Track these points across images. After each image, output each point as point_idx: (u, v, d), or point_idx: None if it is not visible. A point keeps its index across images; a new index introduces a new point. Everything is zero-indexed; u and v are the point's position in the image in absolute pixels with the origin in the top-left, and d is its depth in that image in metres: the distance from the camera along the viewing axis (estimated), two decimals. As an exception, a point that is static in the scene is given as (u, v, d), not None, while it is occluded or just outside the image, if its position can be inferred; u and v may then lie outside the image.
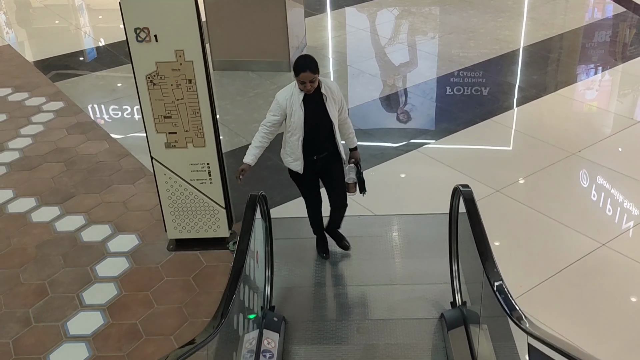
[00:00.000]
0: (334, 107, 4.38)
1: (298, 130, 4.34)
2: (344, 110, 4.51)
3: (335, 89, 4.42)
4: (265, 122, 4.46)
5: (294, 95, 4.30)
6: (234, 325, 3.75)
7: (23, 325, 4.67)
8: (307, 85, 4.19)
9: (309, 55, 4.30)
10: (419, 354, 4.29)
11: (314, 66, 4.17)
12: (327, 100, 4.34)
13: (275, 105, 4.38)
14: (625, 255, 5.05)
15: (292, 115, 4.32)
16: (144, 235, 5.63)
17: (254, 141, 4.50)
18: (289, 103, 4.31)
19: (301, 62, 4.18)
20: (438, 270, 4.90)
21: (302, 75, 4.16)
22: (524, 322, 2.86)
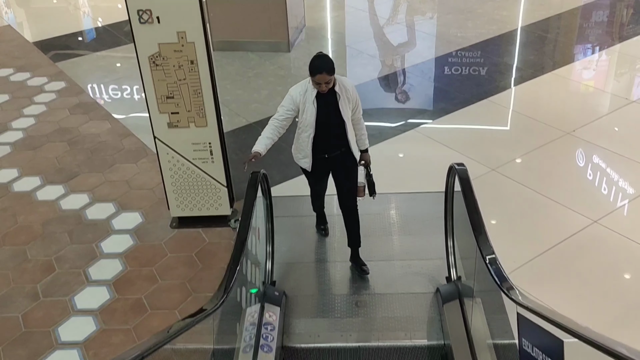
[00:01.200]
0: (347, 106, 4.27)
1: (309, 128, 4.26)
2: (358, 110, 4.40)
3: (350, 87, 4.30)
4: (277, 117, 4.32)
5: (307, 92, 4.19)
6: (237, 298, 3.89)
7: (32, 299, 4.81)
8: (322, 86, 4.09)
9: (325, 55, 4.14)
10: (415, 326, 4.44)
11: (330, 68, 4.04)
12: (341, 99, 4.22)
13: (289, 100, 4.28)
14: (616, 232, 5.19)
15: (305, 112, 4.23)
16: (148, 213, 5.76)
17: (264, 132, 4.36)
18: (302, 99, 4.21)
19: (317, 64, 4.05)
20: (434, 247, 5.05)
21: (317, 77, 4.04)
22: (514, 292, 3.00)
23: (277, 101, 7.70)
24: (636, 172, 5.99)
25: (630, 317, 4.45)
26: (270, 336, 4.16)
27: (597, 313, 4.48)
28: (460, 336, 4.12)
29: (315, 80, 4.06)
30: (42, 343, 4.42)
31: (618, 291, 4.68)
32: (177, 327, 2.99)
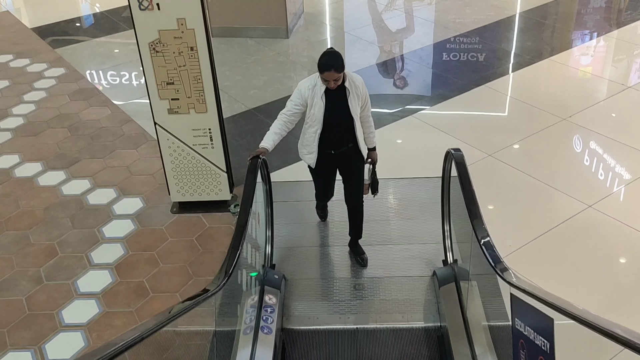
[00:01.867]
0: (356, 102, 4.18)
1: (316, 123, 4.18)
2: (367, 108, 4.32)
3: (360, 84, 4.20)
4: (286, 111, 4.27)
5: (316, 86, 4.11)
6: (238, 280, 3.97)
7: (35, 283, 4.89)
8: (331, 83, 4.00)
9: (335, 52, 4.03)
10: (412, 308, 4.53)
11: (339, 65, 3.94)
12: (350, 95, 4.13)
13: (297, 94, 4.20)
14: (610, 216, 5.27)
15: (313, 107, 4.15)
16: (148, 199, 5.83)
17: (273, 127, 4.30)
18: (311, 94, 4.13)
19: (326, 61, 3.96)
20: (431, 231, 5.14)
21: (326, 74, 3.96)
22: (507, 273, 3.08)
23: (275, 87, 7.85)
24: (631, 158, 6.06)
25: (623, 300, 4.54)
26: (270, 318, 4.24)
27: (591, 296, 4.57)
28: (456, 318, 4.20)
29: (324, 77, 3.98)
30: (46, 325, 4.51)
31: (612, 274, 4.76)
32: (178, 308, 3.06)
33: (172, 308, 3.11)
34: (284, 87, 7.88)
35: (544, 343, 2.36)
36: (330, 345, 4.36)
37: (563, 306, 2.27)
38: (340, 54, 4.02)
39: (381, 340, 4.38)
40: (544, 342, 2.36)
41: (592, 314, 2.15)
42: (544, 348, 2.37)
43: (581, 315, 2.13)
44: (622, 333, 1.93)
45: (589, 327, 2.09)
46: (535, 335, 2.45)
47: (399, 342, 4.35)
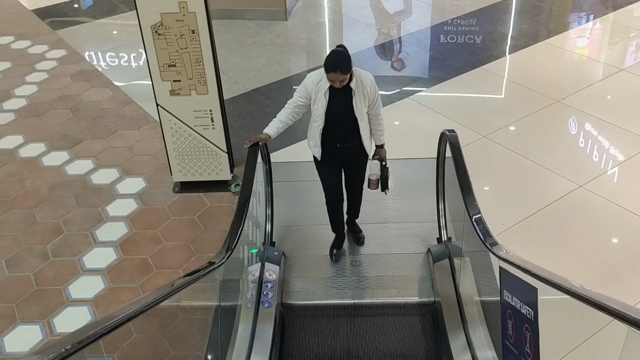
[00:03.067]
0: (362, 102, 4.08)
1: (319, 119, 4.11)
2: (376, 106, 4.22)
3: (368, 83, 4.09)
4: (291, 102, 4.22)
5: (321, 82, 4.01)
6: (240, 256, 4.13)
7: (42, 259, 5.04)
8: (336, 83, 3.90)
9: (342, 51, 3.89)
10: (407, 284, 4.70)
11: (345, 67, 3.83)
12: (355, 95, 4.03)
13: (302, 88, 4.14)
14: (600, 196, 5.43)
15: (316, 102, 4.09)
16: (150, 178, 5.96)
17: (279, 115, 4.27)
18: (315, 88, 4.04)
19: (331, 62, 3.84)
20: (426, 210, 5.30)
21: (331, 75, 3.85)
22: (496, 247, 3.23)
23: (274, 69, 7.96)
24: (621, 139, 6.21)
25: (611, 277, 4.70)
26: (270, 293, 4.41)
27: (579, 273, 4.72)
28: (449, 293, 4.37)
29: (329, 77, 3.89)
30: (54, 300, 4.67)
31: (600, 253, 4.92)
32: (183, 281, 3.20)
33: (174, 282, 3.23)
34: (282, 69, 7.99)
35: (529, 312, 2.52)
36: (328, 319, 4.52)
37: (545, 276, 2.42)
38: (348, 54, 3.89)
39: (377, 315, 4.55)
40: (528, 310, 2.52)
41: (573, 283, 2.30)
42: (529, 316, 2.53)
43: (562, 284, 2.29)
44: (596, 297, 2.08)
45: (570, 295, 2.24)
46: (521, 305, 2.61)
47: (395, 316, 4.52)
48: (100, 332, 2.15)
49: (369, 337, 4.37)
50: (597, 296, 2.06)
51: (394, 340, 4.31)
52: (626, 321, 1.86)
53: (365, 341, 4.35)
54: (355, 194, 4.77)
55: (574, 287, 2.28)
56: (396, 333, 4.41)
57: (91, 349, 3.59)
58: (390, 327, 4.46)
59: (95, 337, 2.22)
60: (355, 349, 4.30)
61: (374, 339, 4.34)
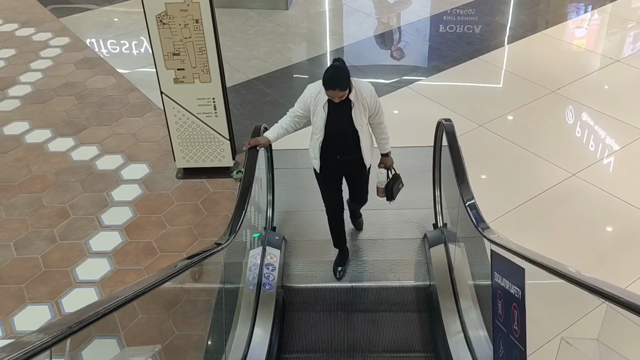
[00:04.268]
0: (361, 113, 3.98)
1: (319, 131, 4.05)
2: (378, 115, 4.12)
3: (368, 95, 3.98)
4: (292, 111, 4.19)
5: (320, 94, 3.94)
6: (243, 239, 4.28)
7: (49, 242, 5.19)
8: (335, 99, 3.83)
9: (340, 67, 3.82)
10: (404, 267, 4.86)
11: (343, 84, 3.76)
12: (355, 107, 3.94)
13: (301, 99, 4.09)
14: (592, 184, 5.57)
15: (315, 115, 4.03)
16: (154, 165, 6.11)
17: (281, 121, 4.26)
18: (314, 101, 3.99)
19: (330, 79, 3.77)
20: (423, 197, 5.44)
21: (329, 92, 3.79)
22: (488, 231, 3.38)
23: (275, 58, 8.08)
24: (614, 129, 6.35)
25: (599, 263, 4.85)
26: (272, 276, 4.57)
27: (569, 259, 4.87)
28: (444, 277, 4.53)
29: (327, 94, 3.82)
30: (62, 281, 4.82)
31: (590, 239, 5.07)
32: (187, 262, 3.31)
33: (176, 263, 3.34)
34: (283, 58, 8.11)
35: (517, 291, 2.67)
36: (327, 301, 4.68)
37: (532, 257, 2.58)
38: (346, 70, 3.82)
39: (374, 298, 4.71)
40: (517, 290, 2.67)
41: (559, 263, 2.45)
42: (517, 296, 2.68)
43: (548, 264, 2.44)
44: (576, 275, 2.23)
45: (555, 274, 2.39)
46: (510, 285, 2.75)
47: (391, 299, 4.68)
48: (114, 306, 2.26)
49: (366, 318, 4.52)
50: (578, 275, 2.22)
51: (390, 321, 4.47)
52: (601, 295, 2.01)
53: (363, 321, 4.50)
54: (359, 203, 4.80)
55: (558, 267, 2.43)
56: (392, 314, 4.57)
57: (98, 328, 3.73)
58: (387, 309, 4.62)
59: (106, 312, 2.32)
60: (352, 328, 4.45)
61: (371, 319, 4.49)
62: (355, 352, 4.25)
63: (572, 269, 2.32)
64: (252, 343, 3.97)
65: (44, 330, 1.92)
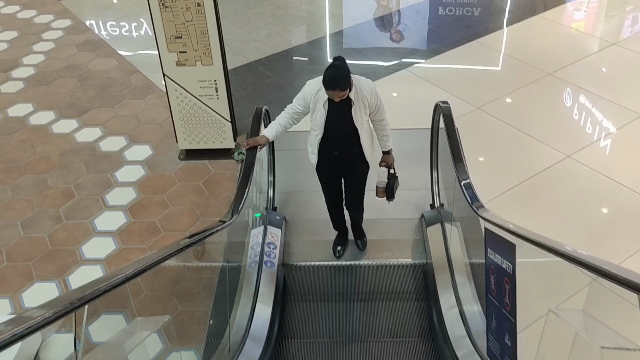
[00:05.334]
0: (361, 111, 3.95)
1: (318, 128, 4.03)
2: (378, 112, 4.07)
3: (368, 92, 3.93)
4: (290, 108, 4.14)
5: (320, 92, 3.90)
6: (245, 218, 4.40)
7: (55, 222, 5.31)
8: (335, 98, 3.80)
9: (341, 66, 3.76)
10: (401, 247, 4.99)
11: (343, 84, 3.72)
12: (355, 105, 3.91)
13: (301, 95, 4.06)
14: (586, 166, 5.69)
15: (315, 112, 4.00)
16: (157, 146, 6.21)
17: (278, 118, 4.21)
18: (314, 99, 3.96)
19: (330, 80, 3.73)
20: (420, 178, 5.56)
21: (330, 92, 3.78)
22: (482, 210, 3.51)
23: (275, 41, 8.14)
24: (609, 111, 6.45)
25: (591, 243, 4.98)
26: (273, 254, 4.70)
27: (564, 237, 4.99)
28: (440, 255, 4.66)
29: (328, 94, 3.81)
30: (68, 260, 4.95)
31: (585, 219, 5.20)
32: (189, 241, 3.39)
33: (179, 241, 3.43)
34: (283, 41, 8.18)
35: (509, 266, 2.79)
36: (326, 279, 4.81)
37: (523, 233, 2.70)
38: (346, 69, 3.77)
39: (373, 275, 4.84)
40: (508, 265, 2.79)
41: (546, 238, 2.58)
42: (509, 270, 2.80)
43: (537, 239, 2.57)
44: (564, 249, 2.36)
45: (543, 248, 2.52)
46: (502, 260, 2.88)
47: (389, 276, 4.82)
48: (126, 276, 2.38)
49: (364, 294, 4.66)
50: (563, 247, 2.34)
51: (387, 297, 4.61)
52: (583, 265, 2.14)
53: (362, 297, 4.64)
54: (354, 206, 4.67)
55: (546, 241, 2.55)
56: (390, 291, 4.71)
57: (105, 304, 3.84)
58: (385, 286, 4.76)
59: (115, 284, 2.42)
60: (351, 304, 4.59)
61: (370, 295, 4.63)
62: (355, 330, 4.39)
63: (558, 242, 2.44)
64: (255, 318, 4.11)
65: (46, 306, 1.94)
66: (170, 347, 4.17)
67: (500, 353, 2.97)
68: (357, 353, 4.20)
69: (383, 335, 4.30)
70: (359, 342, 4.28)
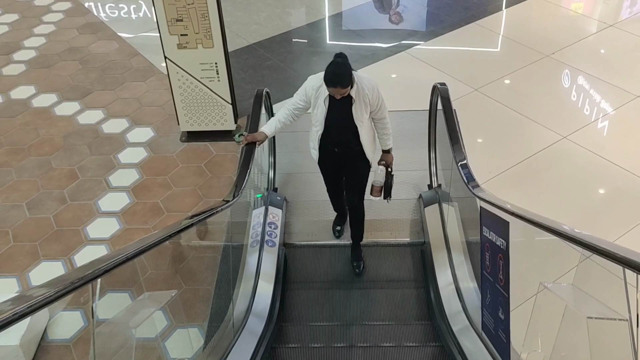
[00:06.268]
0: (362, 109, 3.91)
1: (318, 124, 4.03)
2: (380, 111, 4.01)
3: (370, 90, 3.88)
4: (291, 104, 4.14)
5: (321, 87, 3.87)
6: (247, 198, 4.50)
7: (60, 203, 5.41)
8: (336, 95, 3.78)
9: (342, 63, 3.73)
10: (400, 226, 5.10)
11: (345, 82, 3.69)
12: (355, 103, 3.87)
13: (302, 91, 4.05)
14: (582, 147, 5.78)
15: (316, 107, 3.99)
16: (159, 128, 6.29)
17: (278, 115, 4.21)
18: (315, 94, 3.95)
19: (331, 77, 3.69)
20: (419, 159, 5.65)
21: (330, 89, 3.75)
22: (478, 189, 3.60)
23: (275, 23, 8.19)
24: (604, 92, 6.53)
25: (587, 221, 5.09)
26: (274, 234, 4.81)
27: (560, 216, 5.10)
28: (438, 234, 4.77)
29: (329, 90, 3.78)
30: (73, 239, 5.06)
31: (579, 198, 5.30)
32: (195, 219, 3.49)
33: (181, 221, 3.51)
34: (283, 23, 8.22)
35: (502, 243, 2.89)
36: (326, 258, 4.93)
37: (516, 211, 2.80)
38: (348, 67, 3.75)
39: (372, 254, 4.95)
40: (502, 242, 2.89)
41: (537, 214, 2.68)
42: (502, 247, 2.90)
43: (529, 217, 2.67)
44: (554, 225, 2.46)
45: (535, 225, 2.62)
46: (496, 237, 2.98)
47: (388, 255, 4.93)
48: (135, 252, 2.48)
49: (364, 271, 4.77)
50: (555, 224, 2.44)
51: (387, 274, 4.73)
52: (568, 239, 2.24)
53: (361, 278, 4.75)
54: (355, 214, 4.61)
55: (539, 219, 2.65)
56: (389, 269, 4.82)
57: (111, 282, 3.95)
58: (384, 264, 4.87)
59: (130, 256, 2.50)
60: (350, 281, 4.71)
61: (368, 272, 4.75)
62: (354, 302, 4.51)
63: (548, 219, 2.54)
64: (257, 295, 4.23)
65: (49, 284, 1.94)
66: (175, 324, 4.30)
67: (494, 327, 3.09)
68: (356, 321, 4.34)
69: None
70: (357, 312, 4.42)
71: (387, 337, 4.14)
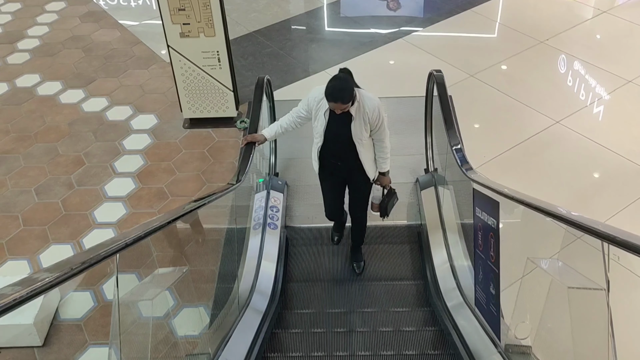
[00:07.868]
0: (361, 127, 3.84)
1: (318, 136, 4.00)
2: (379, 131, 3.93)
3: (370, 109, 3.79)
4: (295, 111, 4.13)
5: (323, 100, 3.80)
6: (250, 182, 4.66)
7: (67, 188, 5.57)
8: (336, 110, 3.73)
9: (344, 79, 3.70)
10: (397, 209, 5.20)
11: (345, 98, 3.63)
12: (355, 120, 3.81)
13: (304, 102, 4.03)
14: (575, 131, 5.94)
15: (316, 120, 3.97)
16: (162, 115, 6.44)
17: (281, 120, 4.22)
18: (317, 106, 3.91)
19: (332, 92, 3.64)
20: (416, 144, 5.81)
21: (330, 104, 3.70)
22: (471, 172, 3.77)
23: (274, 11, 8.30)
24: (597, 77, 6.68)
25: (579, 202, 5.26)
26: (276, 216, 4.98)
27: (551, 198, 5.26)
28: (434, 216, 4.94)
29: (330, 106, 3.74)
30: (82, 223, 5.23)
31: (571, 181, 5.47)
32: (191, 206, 3.59)
33: (184, 205, 3.61)
34: (282, 11, 8.34)
35: (493, 222, 3.06)
36: (326, 239, 5.10)
37: (505, 192, 2.97)
38: (350, 82, 3.72)
39: (369, 236, 5.12)
40: (493, 221, 3.06)
41: (525, 195, 2.85)
42: (493, 226, 3.07)
43: (518, 197, 2.84)
44: (542, 205, 2.62)
45: (526, 206, 2.79)
46: (488, 217, 3.15)
47: (385, 237, 5.10)
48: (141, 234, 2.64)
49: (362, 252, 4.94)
50: (544, 204, 2.61)
51: (385, 255, 4.90)
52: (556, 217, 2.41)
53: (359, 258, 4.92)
54: (358, 224, 4.69)
55: (528, 199, 2.82)
56: (387, 250, 4.99)
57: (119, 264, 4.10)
58: (382, 246, 5.04)
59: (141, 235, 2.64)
60: (349, 262, 4.88)
61: (367, 254, 4.92)
62: (352, 280, 4.69)
63: (536, 198, 2.71)
64: (260, 274, 4.40)
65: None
66: (181, 304, 4.47)
67: (486, 302, 3.27)
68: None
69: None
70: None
71: (384, 321, 4.31)
